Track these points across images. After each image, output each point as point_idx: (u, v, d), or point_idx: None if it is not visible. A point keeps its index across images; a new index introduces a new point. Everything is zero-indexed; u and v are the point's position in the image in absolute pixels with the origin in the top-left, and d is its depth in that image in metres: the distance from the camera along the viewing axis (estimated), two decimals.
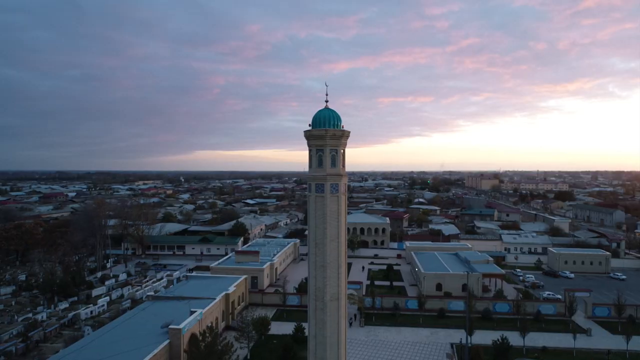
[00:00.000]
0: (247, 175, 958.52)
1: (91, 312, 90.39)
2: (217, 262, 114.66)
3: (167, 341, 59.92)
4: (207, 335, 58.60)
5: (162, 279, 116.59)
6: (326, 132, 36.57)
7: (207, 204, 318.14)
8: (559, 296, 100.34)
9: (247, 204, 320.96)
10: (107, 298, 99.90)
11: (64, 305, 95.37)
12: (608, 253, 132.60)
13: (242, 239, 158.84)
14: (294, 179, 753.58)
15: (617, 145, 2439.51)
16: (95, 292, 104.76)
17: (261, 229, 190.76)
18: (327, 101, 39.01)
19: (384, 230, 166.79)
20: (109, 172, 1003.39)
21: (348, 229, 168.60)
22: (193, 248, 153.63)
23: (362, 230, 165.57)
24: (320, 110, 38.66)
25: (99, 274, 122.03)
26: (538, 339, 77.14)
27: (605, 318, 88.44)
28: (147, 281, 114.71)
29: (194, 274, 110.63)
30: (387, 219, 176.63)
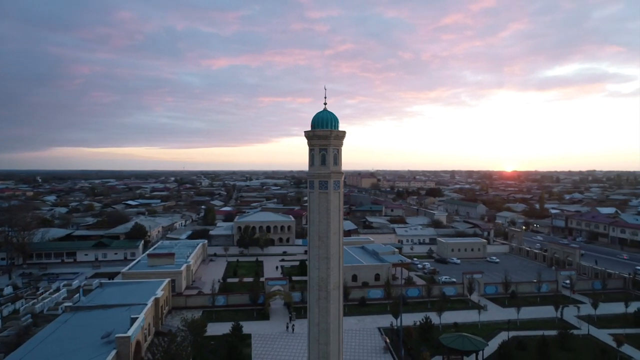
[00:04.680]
0: (119, 175, 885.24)
1: None
2: (128, 267, 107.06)
3: (115, 351, 55.87)
4: (164, 340, 56.21)
5: (59, 289, 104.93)
6: (331, 133, 39.08)
7: (82, 206, 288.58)
8: (454, 279, 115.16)
9: (130, 205, 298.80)
10: None
11: None
12: (485, 240, 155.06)
13: (142, 242, 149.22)
14: (172, 178, 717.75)
15: (468, 148, 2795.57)
16: None
17: (158, 231, 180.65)
18: (325, 104, 41.44)
19: (289, 227, 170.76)
20: None
21: (254, 227, 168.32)
22: (86, 254, 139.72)
23: (268, 228, 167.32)
24: (320, 112, 40.90)
25: None
26: (448, 317, 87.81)
27: (494, 295, 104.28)
28: (42, 293, 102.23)
29: (114, 280, 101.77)
30: (291, 216, 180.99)
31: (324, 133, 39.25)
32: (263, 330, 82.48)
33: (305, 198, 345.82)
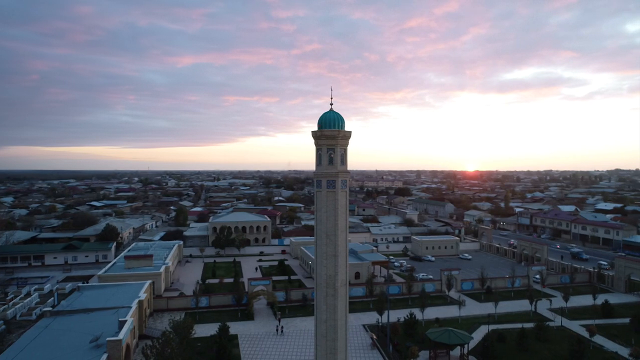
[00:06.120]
0: (79, 175, 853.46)
1: None
2: (104, 270, 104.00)
3: (105, 355, 54.59)
4: (159, 342, 55.32)
5: (31, 294, 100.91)
6: (338, 133, 39.78)
7: (44, 208, 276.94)
8: (431, 276, 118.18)
9: (94, 207, 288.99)
10: None
11: None
12: (457, 238, 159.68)
13: (114, 244, 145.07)
14: (136, 178, 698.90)
15: (432, 148, 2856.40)
16: None
17: (130, 233, 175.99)
18: (331, 104, 42.07)
19: (265, 228, 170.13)
20: None
21: (229, 228, 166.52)
22: (55, 257, 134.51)
23: (243, 228, 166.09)
24: (327, 113, 41.51)
25: None
26: (430, 313, 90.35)
27: (470, 290, 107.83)
28: (13, 298, 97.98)
29: (88, 284, 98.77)
30: (267, 216, 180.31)
31: (332, 133, 39.96)
32: (249, 330, 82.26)
33: (277, 198, 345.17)
